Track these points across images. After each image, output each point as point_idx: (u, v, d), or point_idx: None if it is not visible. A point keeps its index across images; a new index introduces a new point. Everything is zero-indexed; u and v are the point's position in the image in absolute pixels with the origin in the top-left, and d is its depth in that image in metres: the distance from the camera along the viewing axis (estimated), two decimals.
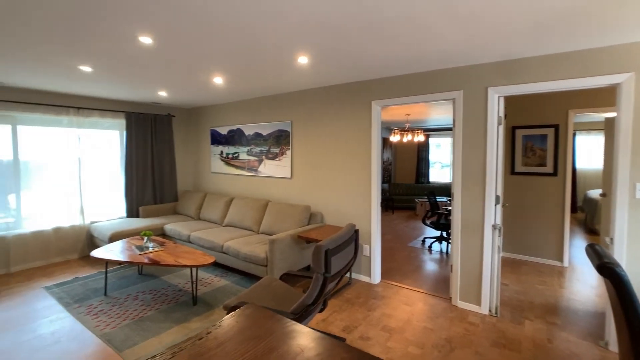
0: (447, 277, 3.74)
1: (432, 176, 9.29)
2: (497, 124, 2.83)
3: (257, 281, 2.71)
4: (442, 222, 4.91)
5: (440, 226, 4.86)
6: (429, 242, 5.29)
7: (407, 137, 7.00)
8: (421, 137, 6.92)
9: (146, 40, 2.28)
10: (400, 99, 3.31)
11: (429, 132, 9.01)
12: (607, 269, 1.06)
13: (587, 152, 7.73)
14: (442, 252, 4.77)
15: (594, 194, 6.19)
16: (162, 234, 4.63)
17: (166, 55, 2.63)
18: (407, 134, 7.08)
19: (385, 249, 4.89)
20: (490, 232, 2.88)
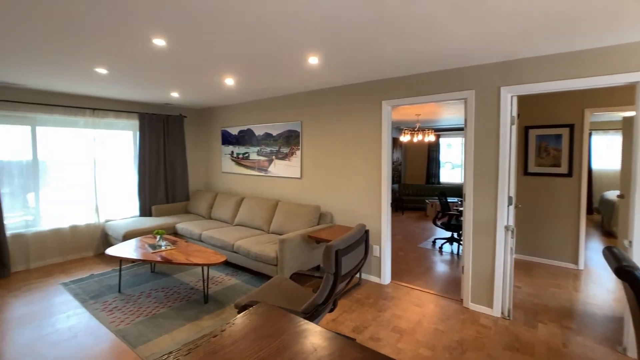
0: (458, 278, 3.70)
1: (443, 177, 9.19)
2: (510, 123, 2.79)
3: (267, 280, 2.73)
4: (453, 223, 4.85)
5: (451, 227, 4.81)
6: (439, 243, 5.24)
7: (418, 137, 6.94)
8: (432, 137, 6.85)
9: (159, 42, 2.32)
10: (410, 98, 3.29)
11: (440, 132, 8.91)
12: (626, 272, 1.03)
13: (604, 152, 7.53)
14: (453, 253, 4.72)
15: (611, 195, 6.03)
16: (174, 232, 4.71)
17: (178, 56, 2.67)
18: (417, 133, 7.02)
19: (395, 249, 4.86)
20: (502, 233, 2.84)
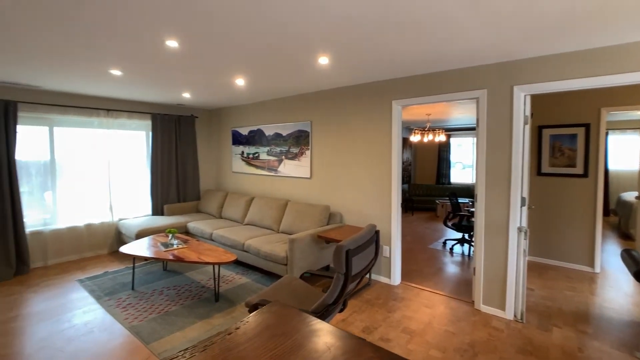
0: (469, 280, 3.66)
1: (454, 177, 9.08)
2: (523, 123, 2.74)
3: (277, 280, 2.76)
4: (464, 224, 4.79)
5: (462, 228, 4.75)
6: (450, 244, 5.19)
7: (428, 137, 6.88)
8: (442, 137, 6.78)
9: (172, 43, 2.36)
10: (421, 98, 3.26)
11: (451, 131, 8.80)
12: None
13: (621, 153, 7.32)
14: (464, 254, 4.66)
15: (629, 196, 5.86)
16: (186, 231, 4.78)
17: (191, 58, 2.71)
18: (427, 133, 6.95)
19: (405, 250, 4.83)
20: (515, 234, 2.79)
